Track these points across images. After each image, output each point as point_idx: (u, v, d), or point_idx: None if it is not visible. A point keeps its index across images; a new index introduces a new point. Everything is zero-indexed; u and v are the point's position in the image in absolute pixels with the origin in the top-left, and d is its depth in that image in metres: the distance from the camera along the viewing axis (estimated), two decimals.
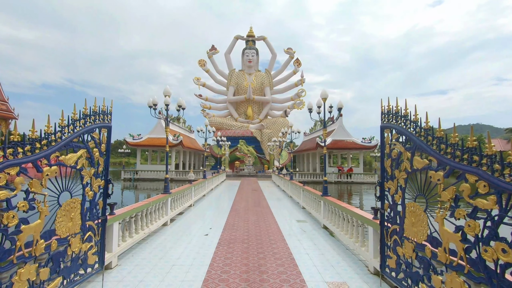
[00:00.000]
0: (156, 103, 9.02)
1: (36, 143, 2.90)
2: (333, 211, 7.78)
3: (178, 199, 10.31)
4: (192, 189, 12.57)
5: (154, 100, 9.01)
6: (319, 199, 9.27)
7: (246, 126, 44.33)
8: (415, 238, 3.24)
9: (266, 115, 48.61)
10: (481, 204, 2.34)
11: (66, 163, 3.34)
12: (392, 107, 3.85)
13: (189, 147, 37.76)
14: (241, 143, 39.28)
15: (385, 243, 3.98)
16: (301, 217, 10.39)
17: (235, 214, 10.50)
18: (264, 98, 48.24)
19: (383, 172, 4.01)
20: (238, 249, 6.16)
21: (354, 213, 6.00)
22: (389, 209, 3.87)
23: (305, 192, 11.72)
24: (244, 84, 48.08)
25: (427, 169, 3.07)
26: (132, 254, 5.84)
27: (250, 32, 50.74)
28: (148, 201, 7.35)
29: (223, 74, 50.65)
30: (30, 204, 2.80)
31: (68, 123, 3.39)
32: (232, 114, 48.85)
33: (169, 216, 8.88)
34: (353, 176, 32.54)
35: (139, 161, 35.66)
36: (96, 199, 3.98)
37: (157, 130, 35.07)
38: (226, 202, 13.79)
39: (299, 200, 13.20)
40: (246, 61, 49.03)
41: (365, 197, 23.72)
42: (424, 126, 3.16)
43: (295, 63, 48.40)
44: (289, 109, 46.04)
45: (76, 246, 3.52)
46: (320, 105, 9.06)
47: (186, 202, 11.42)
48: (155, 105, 9.03)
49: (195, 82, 48.24)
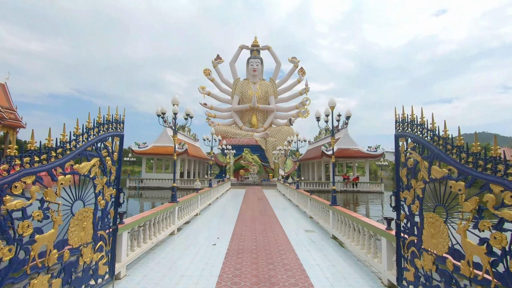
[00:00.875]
0: (164, 112, 9.07)
1: (52, 151, 2.90)
2: (342, 221, 7.66)
3: (184, 208, 10.25)
4: (198, 198, 12.51)
5: (163, 108, 9.06)
6: (327, 209, 9.14)
7: (250, 134, 44.38)
8: (435, 250, 3.14)
9: (270, 123, 48.68)
10: (508, 215, 2.27)
11: (79, 172, 3.33)
12: (407, 115, 3.80)
13: (194, 155, 37.82)
14: (246, 151, 39.27)
15: (401, 255, 3.87)
16: (309, 227, 10.24)
17: (242, 223, 10.39)
18: (269, 107, 48.40)
19: (399, 181, 3.94)
20: (247, 259, 6.06)
21: (366, 223, 5.88)
22: (406, 219, 3.78)
23: (313, 202, 11.58)
24: (249, 93, 48.36)
25: (446, 178, 3.00)
26: (140, 264, 5.77)
27: (255, 41, 51.34)
28: (156, 210, 7.31)
29: (228, 83, 51.07)
30: (44, 213, 2.78)
31: (83, 132, 3.40)
32: (236, 122, 49.01)
33: (176, 225, 8.81)
34: (359, 185, 32.19)
35: (144, 169, 35.78)
36: (108, 208, 3.95)
37: (163, 138, 35.24)
38: (232, 211, 13.69)
39: (306, 209, 13.05)
40: (250, 70, 49.45)
41: (372, 206, 23.39)
42: (442, 135, 3.10)
43: (299, 72, 48.69)
44: (294, 117, 46.09)
45: (88, 256, 3.48)
46: (328, 114, 9.02)
47: (192, 211, 11.35)
48: (164, 114, 9.07)
49: (200, 91, 48.66)
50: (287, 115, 48.63)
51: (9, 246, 2.41)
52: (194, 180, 34.07)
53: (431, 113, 3.27)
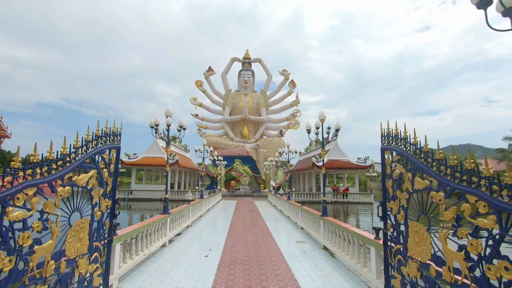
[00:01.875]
0: (158, 124, 9.17)
1: (53, 164, 2.99)
2: (333, 231, 7.81)
3: (176, 220, 10.22)
4: (190, 210, 12.48)
5: (156, 120, 9.16)
6: (318, 220, 9.29)
7: (242, 145, 44.56)
8: (419, 257, 3.32)
9: (261, 135, 49.05)
10: (482, 223, 2.47)
11: (78, 184, 3.41)
12: (391, 130, 4.04)
13: (185, 166, 37.61)
14: (237, 162, 39.32)
15: (389, 263, 4.04)
16: (300, 237, 10.34)
17: (234, 234, 10.41)
18: (260, 118, 48.87)
19: (385, 192, 4.14)
20: (240, 270, 6.11)
21: (355, 233, 6.05)
22: (392, 228, 3.97)
23: (304, 212, 11.72)
24: (240, 104, 48.80)
25: (428, 189, 3.21)
26: (132, 277, 5.75)
27: (246, 54, 52.23)
28: (149, 221, 7.31)
29: (220, 95, 51.48)
30: (44, 224, 2.85)
31: (82, 145, 3.50)
32: (228, 133, 49.17)
33: (167, 237, 8.78)
34: (349, 196, 32.54)
35: (134, 180, 35.28)
36: (104, 219, 4.01)
37: (153, 149, 35.01)
38: (223, 223, 13.66)
39: (297, 220, 13.15)
40: (242, 82, 50.09)
41: (362, 217, 23.63)
42: (423, 148, 3.34)
43: (290, 84, 49.59)
44: (285, 129, 46.62)
45: (84, 267, 3.51)
46: (318, 126, 9.29)
47: (184, 223, 11.31)
48: (157, 126, 9.17)
49: (191, 102, 48.83)
50: (278, 127, 49.15)
51: (9, 257, 2.46)
52: (185, 191, 33.75)
53: (413, 128, 3.52)
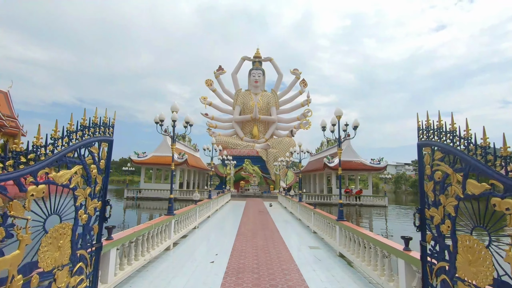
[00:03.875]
0: (163, 119, 8.67)
1: (21, 156, 2.45)
2: (351, 238, 7.11)
3: (182, 221, 9.70)
4: (197, 210, 11.96)
5: (161, 115, 8.66)
6: (333, 224, 8.59)
7: (251, 145, 43.98)
8: (474, 280, 2.63)
9: (272, 134, 48.35)
10: None
11: (57, 181, 2.87)
12: (433, 121, 3.36)
13: (194, 166, 37.33)
14: (247, 162, 38.76)
15: (428, 283, 3.35)
16: (313, 242, 9.66)
17: (242, 238, 9.82)
18: (270, 118, 48.18)
19: (423, 197, 3.46)
20: (248, 280, 5.51)
21: (378, 242, 5.35)
22: (433, 241, 3.28)
23: (317, 216, 11.02)
24: (250, 104, 48.24)
25: (488, 195, 2.52)
26: (130, 285, 5.22)
27: (257, 53, 51.64)
28: (150, 223, 6.79)
29: (230, 94, 51.06)
30: (7, 230, 2.30)
31: (63, 135, 2.96)
32: (237, 133, 48.69)
33: (172, 239, 8.26)
34: (362, 199, 31.49)
35: (143, 179, 35.19)
36: (91, 223, 3.46)
37: (162, 148, 34.84)
38: (232, 225, 13.11)
39: (309, 223, 12.46)
40: (252, 81, 49.51)
41: (376, 221, 22.68)
42: (481, 143, 2.65)
43: (301, 84, 48.69)
44: (295, 129, 45.77)
45: (63, 280, 2.97)
46: (334, 123, 8.60)
47: (190, 224, 10.79)
48: (162, 121, 8.67)
49: (201, 101, 48.58)
50: (289, 126, 48.33)
51: None
52: (194, 191, 33.42)
53: (465, 119, 2.83)
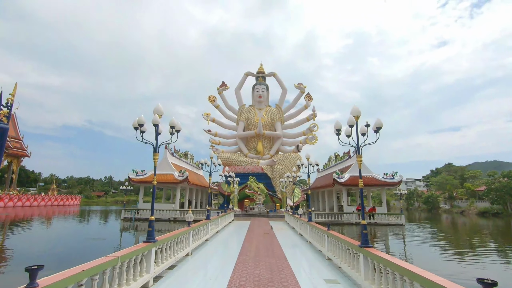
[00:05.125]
0: (142, 123, 7.17)
1: None
2: (383, 271, 5.32)
3: (168, 248, 7.98)
4: (189, 234, 10.22)
5: (140, 119, 7.17)
6: (356, 251, 6.78)
7: (256, 162, 42.25)
8: None
9: (277, 150, 46.71)
10: None
11: None
12: None
13: (196, 184, 35.58)
14: (251, 179, 36.91)
15: None
16: (329, 273, 7.79)
17: (243, 268, 8.01)
18: (275, 133, 46.73)
19: None
20: None
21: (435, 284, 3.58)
22: None
23: (332, 239, 9.19)
24: (254, 119, 47.03)
25: None
26: None
27: (260, 68, 51.06)
28: (116, 255, 5.11)
29: (233, 110, 50.06)
30: None
31: None
32: (241, 149, 47.18)
33: (151, 273, 6.52)
34: (376, 217, 29.13)
35: (142, 199, 33.35)
36: None
37: (163, 166, 33.31)
38: (232, 250, 11.29)
39: (322, 248, 10.58)
40: (256, 96, 48.58)
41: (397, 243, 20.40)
42: None
43: (306, 98, 47.54)
44: (302, 144, 44.09)
45: None
46: (352, 124, 6.98)
47: (180, 251, 9.04)
48: (141, 126, 7.16)
49: (204, 117, 47.59)
50: (294, 142, 46.72)
51: None
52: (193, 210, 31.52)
53: None
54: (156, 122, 7.10)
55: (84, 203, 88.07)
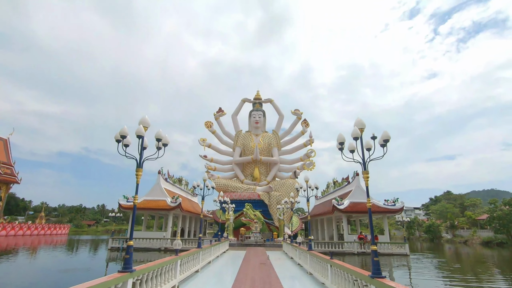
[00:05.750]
0: (125, 135, 6.48)
1: None
2: None
3: (148, 280, 6.92)
4: (177, 264, 9.13)
5: (123, 131, 6.49)
6: (366, 283, 5.84)
7: (252, 188, 41.05)
8: None
9: (274, 176, 45.73)
10: None
11: None
12: None
13: (190, 211, 34.05)
14: (247, 207, 35.49)
15: None
16: None
17: None
18: (272, 159, 46.04)
19: None
20: None
21: None
22: None
23: (336, 269, 8.18)
24: (251, 145, 46.55)
25: None
26: None
27: (257, 95, 51.55)
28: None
29: (230, 136, 49.74)
30: None
31: None
32: (238, 175, 46.14)
33: None
34: (378, 246, 27.64)
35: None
36: None
37: (155, 191, 32.00)
38: (225, 282, 10.15)
39: (324, 279, 9.50)
40: (253, 122, 48.53)
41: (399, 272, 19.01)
42: None
43: (302, 124, 47.54)
44: (299, 170, 43.26)
45: None
46: (357, 136, 6.35)
47: (164, 283, 7.94)
48: (123, 138, 6.47)
49: (200, 143, 47.05)
50: (292, 168, 45.91)
51: None
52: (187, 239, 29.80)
53: None
54: (140, 134, 6.43)
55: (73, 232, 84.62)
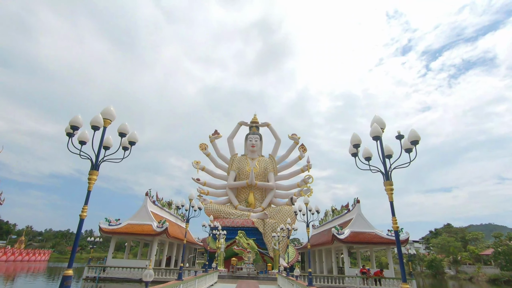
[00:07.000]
0: (77, 126, 4.95)
1: None
2: None
3: None
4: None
5: (75, 120, 4.97)
6: None
7: (247, 214, 38.65)
8: None
9: (269, 203, 43.47)
10: None
11: None
12: None
13: (177, 237, 31.40)
14: (240, 234, 32.97)
15: None
16: None
17: None
18: (268, 184, 44.06)
19: None
20: None
21: None
22: None
23: None
24: (246, 169, 44.77)
25: None
26: None
27: (254, 118, 50.67)
28: None
29: (224, 159, 48.07)
30: None
31: None
32: (231, 201, 43.82)
33: None
34: (383, 282, 25.10)
35: (111, 254, 28.56)
36: None
37: (141, 215, 29.55)
38: None
39: None
40: (249, 146, 47.14)
41: None
42: None
43: (300, 149, 46.21)
44: (296, 196, 41.21)
45: None
46: (377, 135, 4.89)
47: None
48: (76, 130, 4.94)
49: (194, 165, 45.23)
50: (288, 194, 43.86)
51: None
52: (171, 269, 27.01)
53: None
54: (96, 124, 4.91)
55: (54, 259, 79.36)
